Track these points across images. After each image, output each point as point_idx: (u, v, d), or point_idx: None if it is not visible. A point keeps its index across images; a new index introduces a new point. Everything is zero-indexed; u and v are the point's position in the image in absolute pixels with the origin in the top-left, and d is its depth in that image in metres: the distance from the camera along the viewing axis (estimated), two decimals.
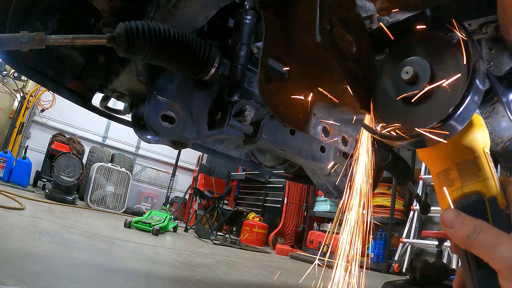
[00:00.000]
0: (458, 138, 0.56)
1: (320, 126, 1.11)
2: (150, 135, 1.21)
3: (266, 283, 2.86)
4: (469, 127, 0.56)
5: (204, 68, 1.14)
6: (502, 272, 0.47)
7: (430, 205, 1.89)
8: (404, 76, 0.59)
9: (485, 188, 0.53)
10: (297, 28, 0.96)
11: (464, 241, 0.51)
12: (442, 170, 0.57)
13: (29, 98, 8.29)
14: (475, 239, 0.49)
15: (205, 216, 6.35)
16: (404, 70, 0.59)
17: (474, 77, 0.52)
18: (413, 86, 0.58)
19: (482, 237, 0.49)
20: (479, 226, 0.50)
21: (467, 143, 0.56)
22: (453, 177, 0.56)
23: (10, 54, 1.44)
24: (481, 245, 0.49)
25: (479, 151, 0.56)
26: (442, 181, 0.57)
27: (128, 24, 0.98)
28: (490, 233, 0.49)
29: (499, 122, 1.18)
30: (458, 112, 0.52)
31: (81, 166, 6.88)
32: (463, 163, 0.55)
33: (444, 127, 0.53)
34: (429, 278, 2.94)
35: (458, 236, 0.51)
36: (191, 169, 10.82)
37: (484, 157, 0.55)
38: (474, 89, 0.52)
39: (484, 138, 0.57)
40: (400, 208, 6.00)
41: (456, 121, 0.53)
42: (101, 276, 1.96)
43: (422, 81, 0.57)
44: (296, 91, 0.95)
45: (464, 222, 0.51)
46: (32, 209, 4.10)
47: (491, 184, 0.54)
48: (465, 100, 0.52)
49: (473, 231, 0.50)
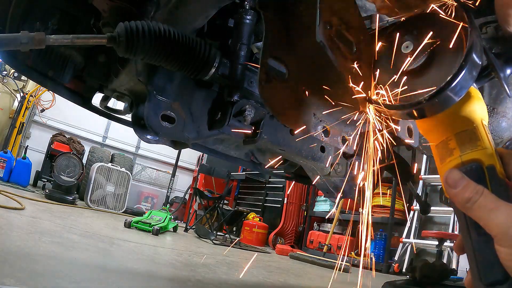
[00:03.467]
0: (457, 109, 0.57)
1: (320, 126, 1.11)
2: (150, 135, 1.21)
3: (266, 283, 2.86)
4: (468, 99, 0.58)
5: (204, 68, 1.14)
6: (498, 237, 0.48)
7: (430, 205, 1.90)
8: (405, 50, 0.61)
9: (484, 157, 0.54)
10: (297, 28, 0.96)
11: (464, 203, 0.52)
12: (442, 140, 0.59)
13: (29, 98, 8.29)
14: (475, 202, 0.51)
15: (205, 216, 6.35)
16: (405, 45, 0.62)
17: (471, 50, 0.54)
18: (413, 59, 0.60)
19: (482, 201, 0.50)
20: (480, 190, 0.51)
21: (466, 114, 0.57)
22: (452, 147, 0.57)
23: (10, 54, 1.44)
24: (479, 209, 0.50)
25: (477, 122, 0.57)
26: (442, 151, 0.59)
27: (128, 24, 0.98)
28: (489, 198, 0.50)
29: (499, 122, 1.19)
30: (455, 82, 0.54)
31: (81, 166, 6.87)
32: (462, 133, 0.57)
33: (442, 97, 0.54)
34: (429, 278, 2.95)
35: (459, 197, 0.52)
36: (191, 169, 10.82)
37: (482, 128, 0.57)
38: (471, 61, 0.54)
39: (482, 110, 0.59)
40: (400, 208, 6.00)
41: (453, 92, 0.54)
42: (101, 276, 1.96)
43: (422, 55, 0.60)
44: (296, 91, 0.95)
45: (467, 185, 0.52)
46: (32, 209, 4.10)
47: (490, 153, 0.55)
48: (462, 70, 0.53)
49: (474, 194, 0.51)
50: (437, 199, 5.68)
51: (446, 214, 5.44)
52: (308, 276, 3.95)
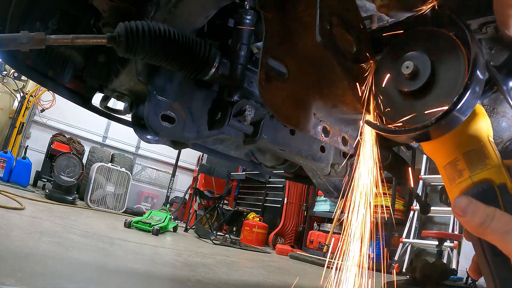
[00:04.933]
0: (463, 128, 0.56)
1: (320, 126, 1.11)
2: (150, 135, 1.21)
3: (266, 283, 2.86)
4: (473, 117, 0.56)
5: (204, 68, 1.14)
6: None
7: (430, 205, 1.89)
8: (405, 70, 0.59)
9: (494, 175, 0.53)
10: (297, 28, 0.96)
11: (477, 229, 0.50)
12: (449, 161, 0.57)
13: (29, 98, 8.29)
14: (488, 226, 0.49)
15: (205, 216, 6.35)
16: (405, 65, 0.59)
17: (475, 67, 0.52)
18: (414, 80, 0.58)
19: (495, 224, 0.49)
20: (491, 212, 0.49)
21: (472, 132, 0.56)
22: (461, 167, 0.56)
23: (10, 54, 1.44)
24: (493, 233, 0.49)
25: (484, 140, 0.56)
26: (450, 172, 0.57)
27: (128, 24, 0.98)
28: (503, 219, 0.49)
29: (499, 122, 1.18)
30: (462, 102, 0.52)
31: (81, 166, 6.87)
32: (470, 153, 0.55)
33: (448, 118, 0.53)
34: (429, 278, 2.95)
35: (471, 224, 0.50)
36: (191, 169, 10.82)
37: (489, 144, 0.56)
38: (476, 79, 0.52)
39: (488, 126, 0.58)
40: (400, 208, 6.00)
41: (460, 112, 0.52)
42: (101, 276, 1.96)
43: (423, 75, 0.57)
44: (296, 91, 0.95)
45: (477, 209, 0.50)
46: (32, 209, 4.10)
47: (500, 170, 0.54)
48: (468, 90, 0.52)
49: (486, 218, 0.49)
50: (437, 199, 5.68)
51: (446, 214, 5.44)
52: (308, 276, 3.95)
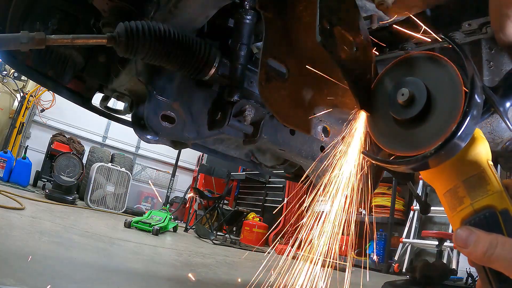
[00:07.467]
0: (462, 155, 0.54)
1: (320, 126, 1.11)
2: (150, 135, 1.21)
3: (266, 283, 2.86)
4: (472, 142, 0.55)
5: (204, 68, 1.14)
6: None
7: (430, 205, 1.89)
8: (400, 98, 0.57)
9: (496, 201, 0.52)
10: (297, 28, 0.96)
11: (481, 258, 0.49)
12: (449, 189, 0.56)
13: (29, 98, 8.30)
14: (492, 254, 0.48)
15: (205, 216, 6.35)
16: (400, 92, 0.57)
17: (473, 92, 0.51)
18: (410, 107, 0.56)
19: (499, 251, 0.48)
20: (494, 240, 0.48)
21: (472, 158, 0.55)
22: (461, 195, 0.55)
23: (10, 54, 1.44)
24: (498, 260, 0.48)
25: (484, 165, 0.55)
26: (451, 200, 0.56)
27: (128, 24, 0.98)
28: (506, 247, 0.48)
29: (499, 122, 1.18)
30: (461, 129, 0.50)
31: (81, 166, 6.88)
32: (470, 179, 0.54)
33: (448, 147, 0.51)
34: (429, 278, 2.95)
35: (474, 254, 0.49)
36: (191, 169, 10.82)
37: (489, 169, 0.55)
38: (474, 104, 0.51)
39: (487, 150, 0.56)
40: (400, 208, 6.00)
41: (460, 139, 0.51)
42: (101, 276, 1.96)
43: (418, 102, 0.55)
44: (296, 91, 0.95)
45: (479, 239, 0.49)
46: (32, 209, 4.10)
47: (501, 196, 0.53)
48: (467, 116, 0.50)
49: (489, 247, 0.48)
50: (437, 199, 5.67)
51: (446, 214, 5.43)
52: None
